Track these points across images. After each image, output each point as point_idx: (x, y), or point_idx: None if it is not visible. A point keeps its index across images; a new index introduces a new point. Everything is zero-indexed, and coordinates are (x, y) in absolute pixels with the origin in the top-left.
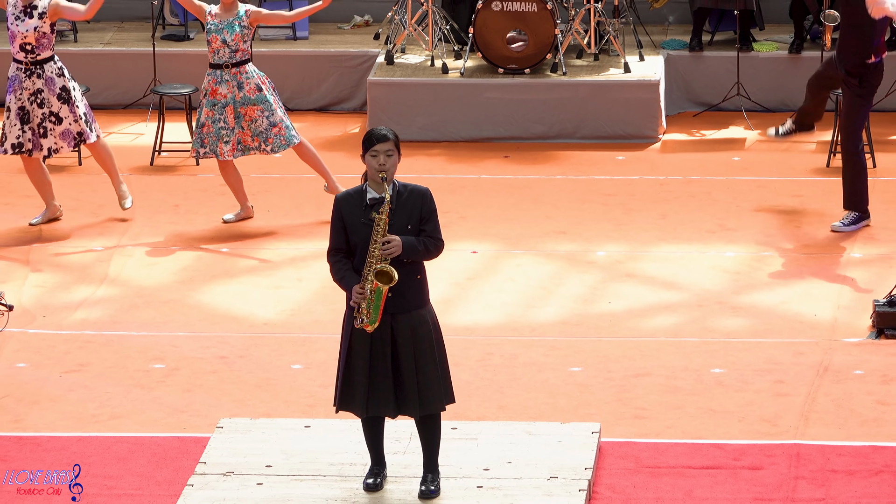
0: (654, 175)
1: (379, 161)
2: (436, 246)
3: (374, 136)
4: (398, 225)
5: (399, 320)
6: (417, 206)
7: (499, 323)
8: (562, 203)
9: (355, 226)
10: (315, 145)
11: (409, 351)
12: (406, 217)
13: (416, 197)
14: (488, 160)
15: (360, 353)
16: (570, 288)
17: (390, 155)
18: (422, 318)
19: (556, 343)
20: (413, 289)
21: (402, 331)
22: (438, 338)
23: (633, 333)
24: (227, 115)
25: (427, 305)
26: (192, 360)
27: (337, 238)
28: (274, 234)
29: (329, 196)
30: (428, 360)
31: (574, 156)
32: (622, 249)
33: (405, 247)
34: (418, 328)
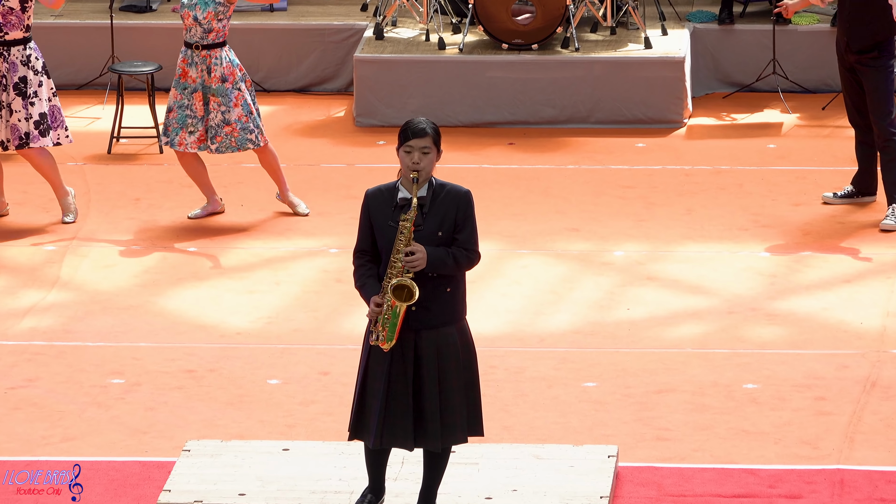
0: (678, 164)
1: (413, 159)
2: (468, 259)
3: (409, 130)
4: (427, 231)
5: (423, 337)
6: (452, 209)
7: (503, 332)
8: (574, 196)
9: (382, 227)
10: (294, 132)
11: (433, 373)
12: (438, 222)
13: (453, 199)
14: (490, 148)
15: (377, 372)
16: (584, 293)
17: (426, 152)
18: (449, 337)
19: (568, 355)
20: (440, 303)
21: (426, 349)
22: (468, 359)
23: (655, 344)
24: (195, 101)
25: (458, 323)
26: (155, 375)
27: (363, 238)
28: (248, 231)
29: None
30: (452, 385)
31: (588, 143)
32: (642, 249)
33: (431, 260)
34: (444, 347)
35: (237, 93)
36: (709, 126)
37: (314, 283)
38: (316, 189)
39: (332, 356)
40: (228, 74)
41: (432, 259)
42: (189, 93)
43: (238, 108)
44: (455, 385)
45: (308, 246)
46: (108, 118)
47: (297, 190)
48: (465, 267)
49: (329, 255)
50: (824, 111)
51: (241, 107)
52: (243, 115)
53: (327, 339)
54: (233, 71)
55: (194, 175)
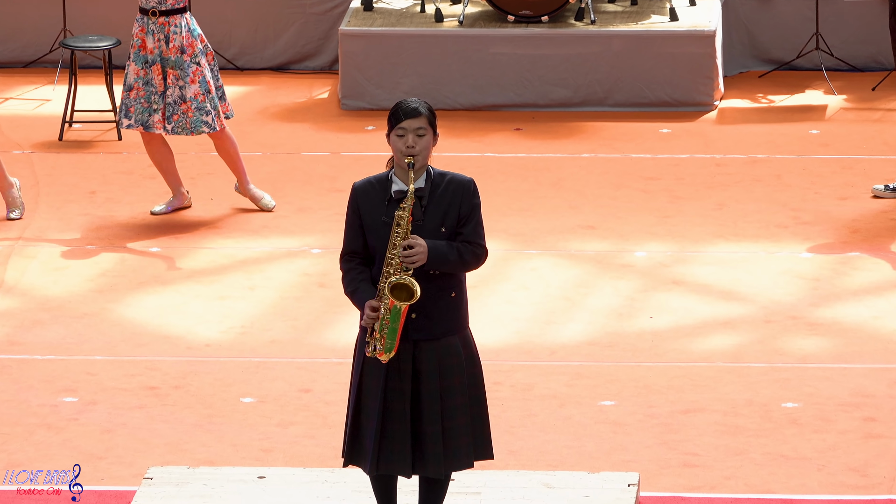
0: (708, 153)
1: (407, 142)
2: (474, 255)
3: (401, 111)
4: (429, 225)
5: (423, 349)
6: (457, 201)
7: (508, 344)
8: (589, 189)
9: (375, 224)
10: (270, 116)
11: (434, 389)
12: (440, 215)
13: (456, 189)
14: (495, 134)
15: (372, 389)
16: (601, 299)
17: (422, 135)
18: (452, 349)
19: (583, 370)
20: (443, 309)
21: (426, 363)
22: (473, 374)
23: (682, 357)
24: (155, 75)
25: (462, 332)
26: (112, 392)
27: (352, 238)
28: (218, 228)
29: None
30: (457, 403)
31: (605, 128)
32: (667, 249)
33: (432, 254)
34: (447, 360)
35: (195, 67)
36: (743, 109)
37: (294, 287)
38: (296, 181)
39: (315, 371)
40: (188, 45)
41: (434, 253)
42: (149, 66)
43: (195, 85)
44: (460, 403)
45: (287, 246)
46: (59, 100)
47: (274, 182)
48: (472, 264)
49: (311, 256)
50: (874, 92)
51: (198, 83)
52: (200, 93)
53: (308, 352)
54: (192, 42)
55: (161, 163)
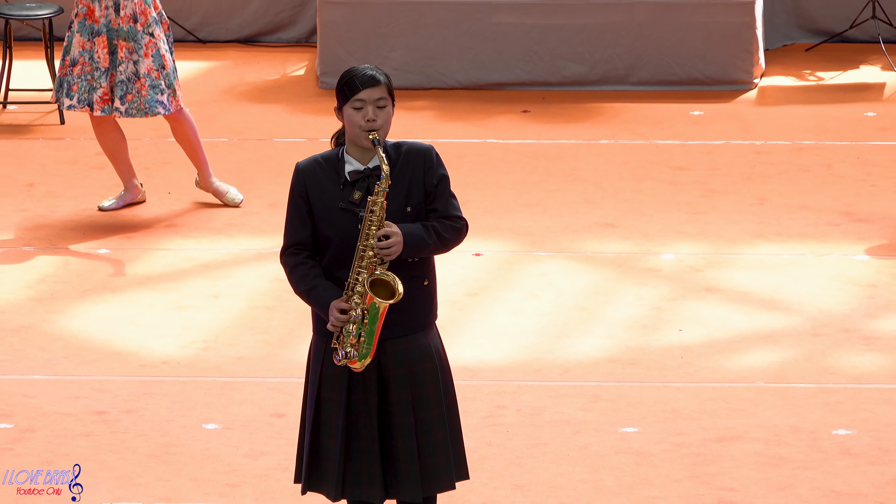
0: (746, 139)
1: (366, 115)
2: (454, 231)
3: (357, 79)
4: (392, 207)
5: (390, 352)
6: (419, 174)
7: (515, 361)
8: (609, 181)
9: (328, 212)
10: (238, 96)
11: (406, 399)
12: (403, 193)
13: (417, 161)
14: (498, 117)
15: (333, 405)
16: (622, 308)
17: (382, 106)
18: (423, 350)
19: (601, 391)
20: (415, 300)
21: (394, 369)
22: (446, 381)
23: (716, 377)
24: (99, 48)
25: (431, 328)
26: (54, 418)
27: (298, 229)
28: (177, 227)
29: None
30: (433, 415)
31: (627, 110)
32: (699, 251)
33: (409, 241)
34: (418, 365)
35: (148, 38)
36: (787, 88)
37: (265, 296)
38: (268, 171)
39: (289, 393)
40: (140, 13)
41: (410, 240)
42: (94, 37)
43: (148, 60)
44: (436, 415)
45: (257, 247)
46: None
47: (241, 173)
48: (454, 241)
49: None
50: None
51: (151, 57)
52: (153, 68)
53: (282, 371)
54: (146, 9)
55: (112, 151)
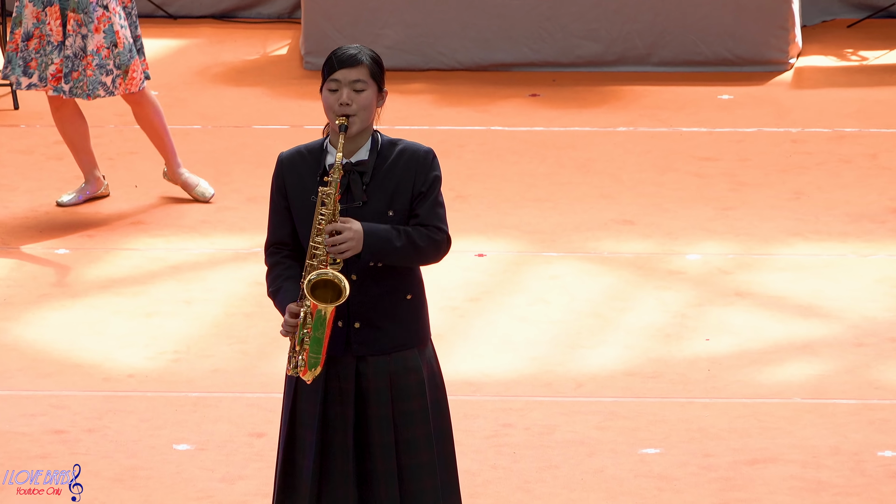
0: (781, 126)
1: (339, 98)
2: (431, 241)
3: (335, 58)
4: (373, 209)
5: (371, 366)
6: (409, 177)
7: (522, 374)
8: (627, 173)
9: (305, 206)
10: (212, 78)
11: (386, 416)
12: (387, 194)
13: (409, 162)
14: (504, 101)
15: (307, 418)
16: (642, 315)
17: (360, 90)
18: (409, 365)
19: (619, 408)
20: (395, 316)
21: (374, 380)
22: (438, 399)
23: (748, 392)
24: (51, 19)
25: (422, 345)
26: (6, 437)
27: (278, 225)
28: (144, 224)
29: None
30: (417, 434)
31: (647, 94)
32: (728, 251)
33: (369, 240)
34: (402, 377)
35: (101, 12)
36: (826, 69)
37: (242, 301)
38: (246, 162)
39: (270, 409)
40: None
41: (371, 239)
42: (45, 6)
43: (98, 35)
44: (421, 434)
45: (233, 246)
46: None
47: (216, 164)
48: (428, 254)
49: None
50: None
51: (102, 33)
52: (103, 45)
53: (262, 385)
54: None
55: (73, 138)
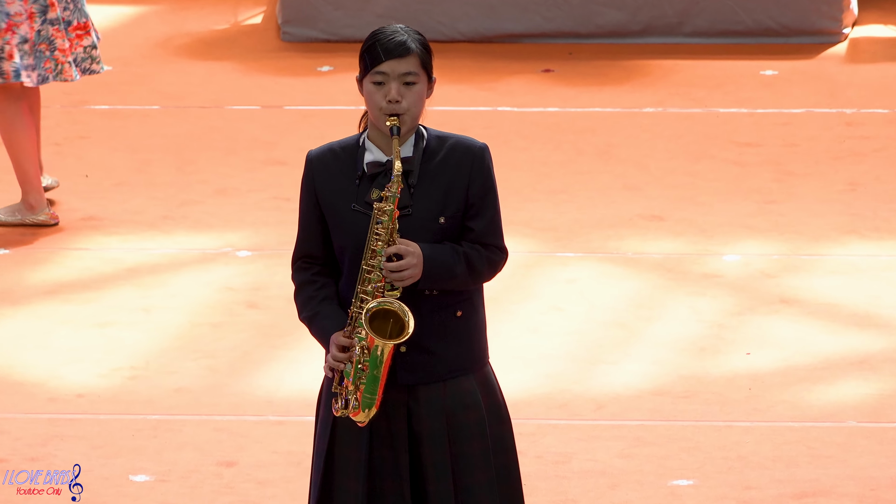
0: (834, 107)
1: (388, 93)
2: (490, 264)
3: (380, 46)
4: (420, 216)
5: (423, 404)
6: (462, 178)
7: (534, 393)
8: (655, 161)
9: (342, 214)
10: (175, 51)
11: (443, 462)
12: (438, 199)
13: (462, 161)
14: (512, 78)
15: (349, 466)
16: (672, 325)
17: (411, 83)
18: (467, 397)
19: (646, 433)
20: (447, 337)
21: (427, 420)
22: (501, 434)
23: (795, 414)
24: None
25: (480, 370)
26: None
27: (308, 236)
28: (97, 220)
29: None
30: (478, 480)
31: (679, 69)
32: (772, 251)
33: (430, 267)
34: (460, 415)
35: None
36: (886, 41)
37: (210, 309)
38: (214, 148)
39: (242, 434)
40: None
41: (431, 265)
42: None
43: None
44: (482, 479)
45: (199, 246)
46: None
47: (180, 149)
48: (485, 277)
49: (236, 261)
50: None
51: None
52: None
53: (232, 406)
54: None
55: None
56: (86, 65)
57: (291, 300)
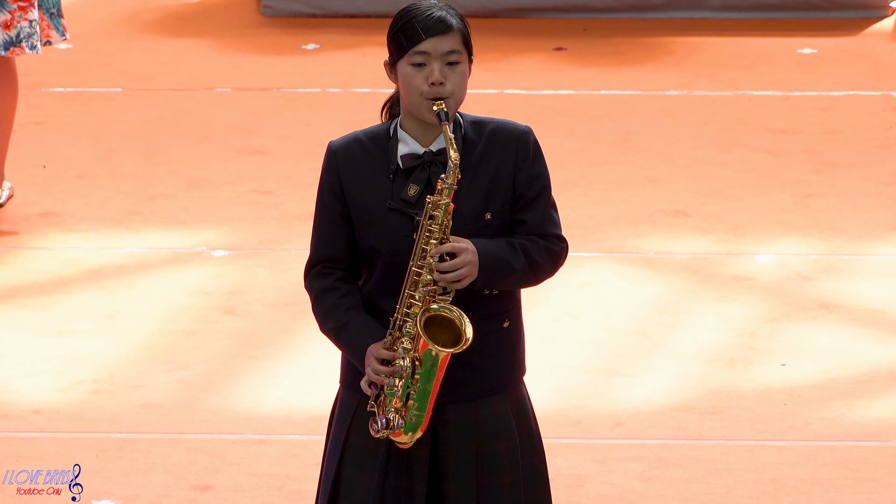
0: (880, 89)
1: (432, 75)
2: (551, 256)
3: (417, 23)
4: (467, 210)
5: (449, 421)
6: (508, 166)
7: (546, 410)
8: (679, 150)
9: (371, 213)
10: (142, 28)
11: (469, 495)
12: (482, 192)
13: (505, 146)
14: (521, 57)
15: (359, 492)
16: (698, 333)
17: (455, 62)
18: (499, 423)
19: (669, 452)
20: (490, 349)
21: (454, 449)
22: (533, 466)
23: (835, 432)
24: None
25: (515, 388)
26: None
27: (328, 238)
28: (55, 216)
29: None
30: (506, 499)
31: (706, 47)
32: (810, 250)
33: (486, 264)
34: (491, 444)
35: None
36: None
37: (182, 316)
38: (186, 136)
39: (218, 455)
40: None
41: (488, 261)
42: None
43: None
44: (507, 485)
45: (170, 244)
46: None
47: (147, 137)
48: (547, 272)
49: (211, 262)
50: None
51: None
52: None
53: (207, 423)
54: None
55: None
56: (33, 41)
57: (272, 305)
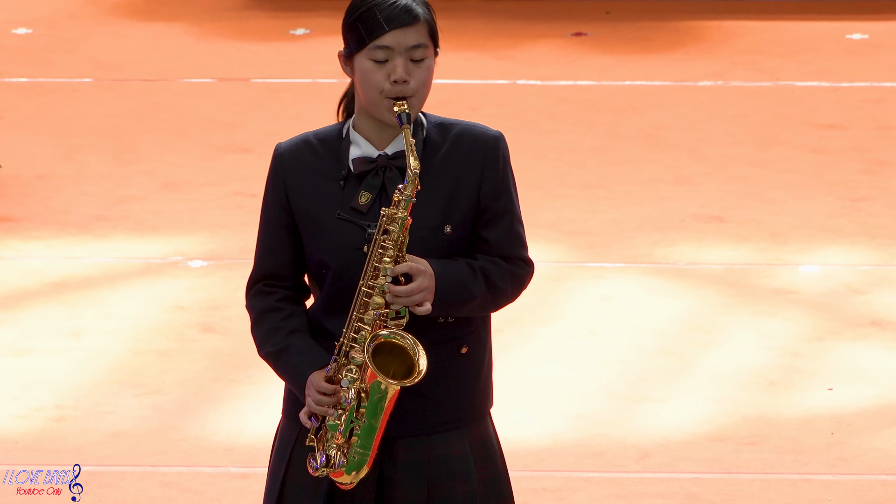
0: None
1: (395, 72)
2: (514, 279)
3: (379, 12)
4: (419, 225)
5: (399, 457)
6: (473, 174)
7: (559, 440)
8: (713, 148)
9: (323, 223)
10: (112, 12)
11: None
12: (440, 205)
13: (471, 151)
14: (536, 44)
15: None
16: (734, 354)
17: (420, 59)
18: (455, 461)
19: (701, 487)
20: (448, 379)
21: (402, 486)
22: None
23: (888, 465)
24: None
25: (478, 423)
26: None
27: (272, 251)
28: (12, 221)
29: None
30: None
31: (743, 33)
32: (860, 260)
33: (443, 289)
34: (446, 483)
35: None
36: None
37: (155, 334)
38: (159, 131)
39: (194, 490)
40: None
41: (445, 286)
42: None
43: None
44: None
45: (142, 254)
46: None
47: (118, 133)
48: (509, 295)
49: (188, 273)
50: None
51: None
52: None
53: (182, 454)
54: None
55: None
56: None
57: None
